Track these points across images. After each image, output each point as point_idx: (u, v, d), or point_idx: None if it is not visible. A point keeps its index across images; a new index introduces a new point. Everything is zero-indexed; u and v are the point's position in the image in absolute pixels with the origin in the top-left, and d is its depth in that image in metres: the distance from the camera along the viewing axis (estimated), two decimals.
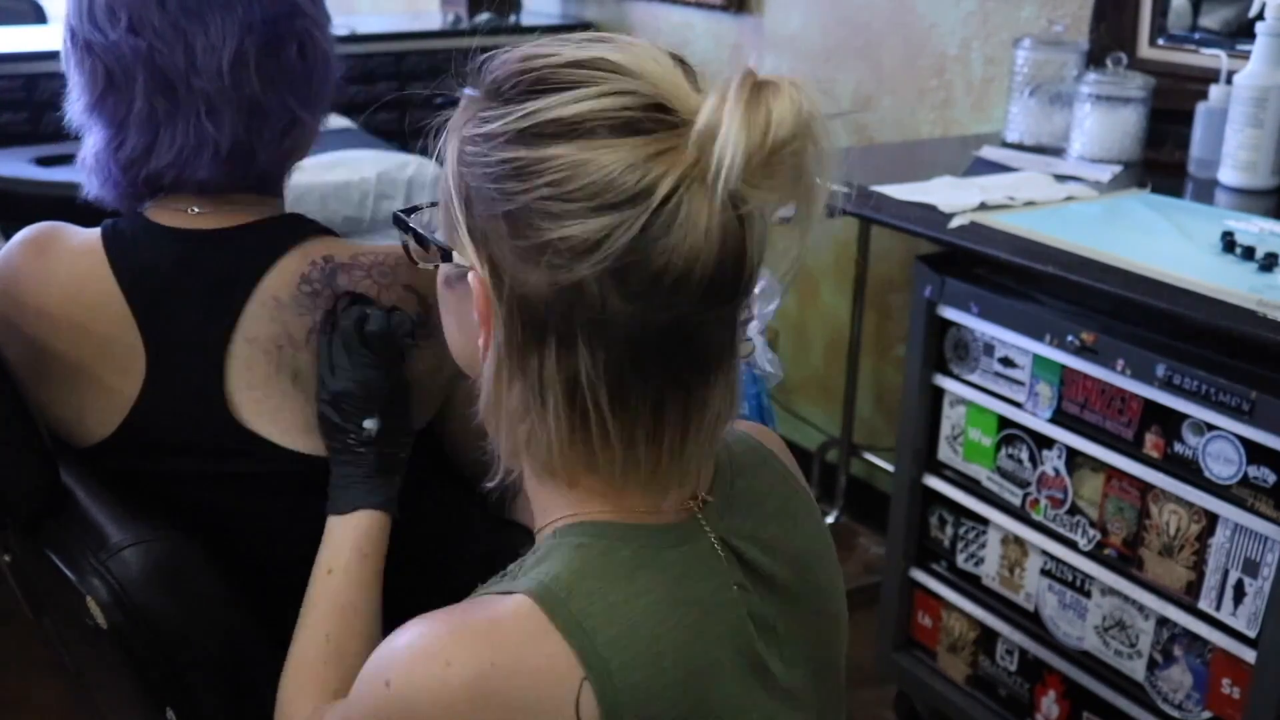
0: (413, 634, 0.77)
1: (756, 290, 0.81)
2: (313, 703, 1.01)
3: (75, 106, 1.15)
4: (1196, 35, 2.04)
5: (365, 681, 0.80)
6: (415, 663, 0.76)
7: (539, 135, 0.73)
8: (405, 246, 0.88)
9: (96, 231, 1.15)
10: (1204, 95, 1.91)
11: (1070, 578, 1.76)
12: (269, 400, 1.13)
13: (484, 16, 3.35)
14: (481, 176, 0.76)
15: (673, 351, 0.76)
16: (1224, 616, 1.55)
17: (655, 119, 0.73)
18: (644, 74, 0.74)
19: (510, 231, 0.75)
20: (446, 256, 0.82)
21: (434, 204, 0.86)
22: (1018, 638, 1.85)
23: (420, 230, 0.86)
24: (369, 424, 1.10)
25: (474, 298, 0.79)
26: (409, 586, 1.10)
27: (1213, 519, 1.54)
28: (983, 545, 1.89)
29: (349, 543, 1.08)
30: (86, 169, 1.17)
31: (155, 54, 1.08)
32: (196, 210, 1.15)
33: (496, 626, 0.76)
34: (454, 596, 0.82)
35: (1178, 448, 1.57)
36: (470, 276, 0.78)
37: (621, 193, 0.71)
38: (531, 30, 3.35)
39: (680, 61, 0.78)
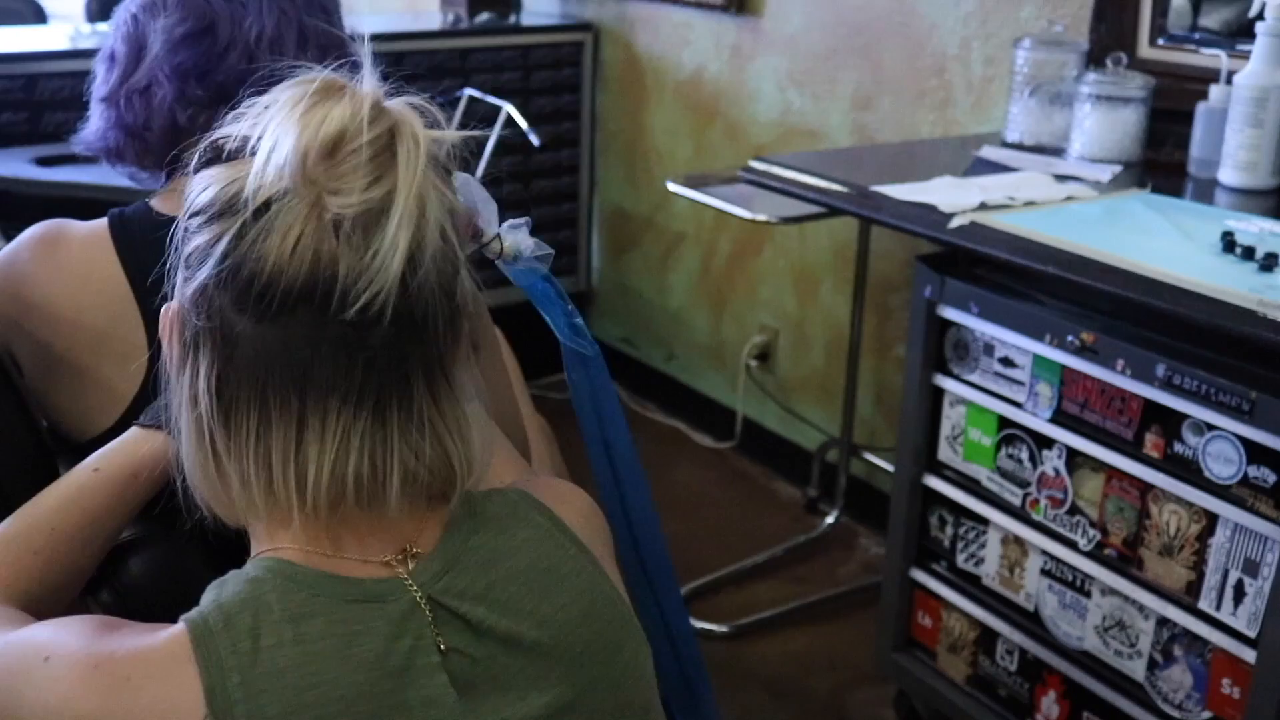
0: (71, 638, 0.80)
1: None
2: None
3: (157, 40, 1.17)
4: (1196, 35, 2.04)
5: (25, 641, 0.82)
6: (59, 669, 0.77)
7: (204, 158, 0.82)
8: None
9: (103, 221, 1.16)
10: (1204, 95, 1.91)
11: (1070, 578, 1.76)
12: None
13: (484, 16, 3.35)
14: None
15: (279, 370, 0.77)
16: (1224, 616, 1.55)
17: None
18: (280, 114, 0.78)
19: (179, 257, 0.82)
20: None
21: None
22: (1018, 638, 1.85)
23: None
24: None
25: (161, 328, 0.84)
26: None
27: (1213, 519, 1.54)
28: (983, 545, 1.89)
29: (128, 453, 1.02)
30: (120, 124, 1.19)
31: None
32: None
33: (139, 658, 0.77)
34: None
35: (1178, 448, 1.57)
36: (164, 307, 0.84)
37: (223, 202, 0.78)
38: (532, 30, 3.36)
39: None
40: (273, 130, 0.76)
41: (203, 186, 0.80)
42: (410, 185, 0.76)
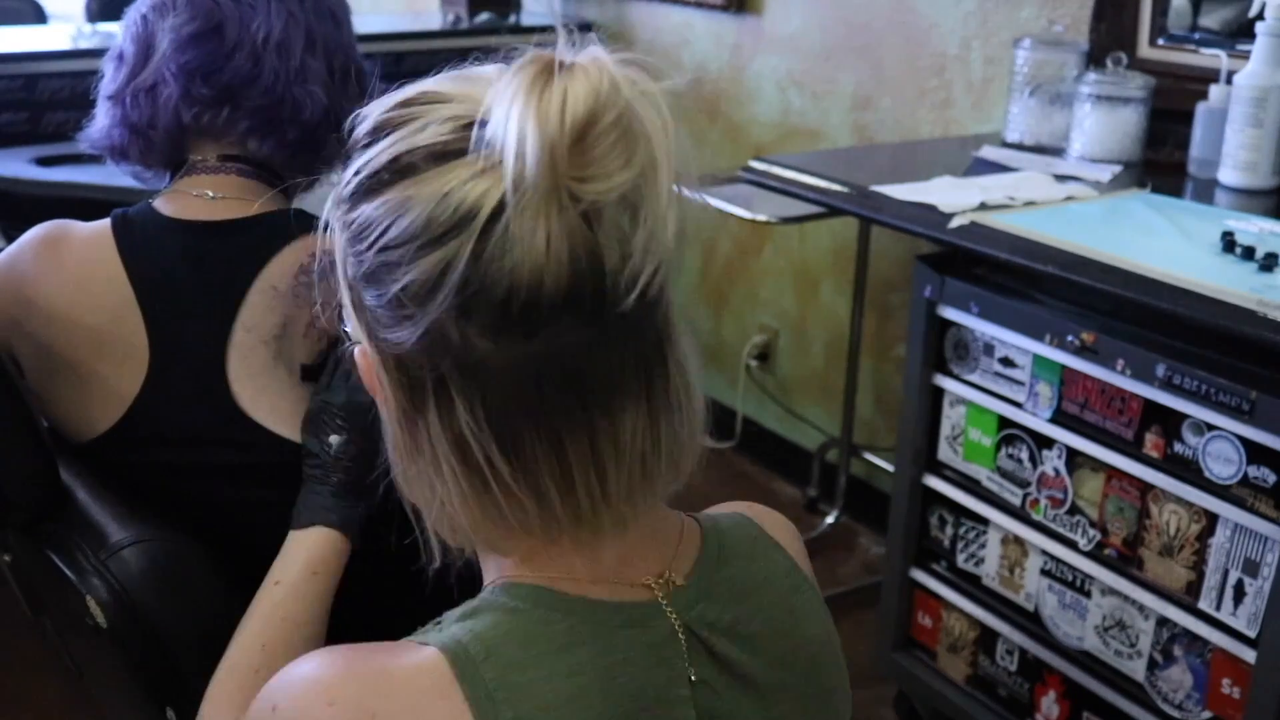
0: (311, 665, 0.74)
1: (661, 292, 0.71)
2: (236, 713, 0.97)
3: (165, 39, 1.18)
4: (1196, 35, 2.04)
5: (260, 700, 0.76)
6: (304, 694, 0.73)
7: (370, 189, 0.70)
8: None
9: (105, 222, 1.16)
10: (1204, 95, 1.91)
11: (1070, 578, 1.76)
12: (268, 390, 1.13)
13: (484, 16, 3.35)
14: (345, 243, 0.73)
15: (557, 385, 0.69)
16: (1224, 616, 1.55)
17: (472, 138, 0.67)
18: (465, 95, 0.70)
19: (372, 294, 0.71)
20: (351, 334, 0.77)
21: None
22: (1018, 638, 1.85)
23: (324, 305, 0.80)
24: (334, 439, 1.10)
25: (362, 372, 0.76)
26: (378, 611, 1.09)
27: (1213, 519, 1.54)
28: (983, 545, 1.89)
29: (300, 558, 1.06)
30: (125, 122, 1.19)
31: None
32: (211, 195, 1.16)
33: (392, 676, 0.71)
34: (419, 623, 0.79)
35: (1178, 448, 1.57)
36: (357, 350, 0.75)
37: (442, 225, 0.66)
38: (531, 30, 3.35)
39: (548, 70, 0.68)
40: (508, 130, 0.65)
41: (392, 210, 0.68)
42: (666, 150, 0.67)
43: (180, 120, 1.17)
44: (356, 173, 0.71)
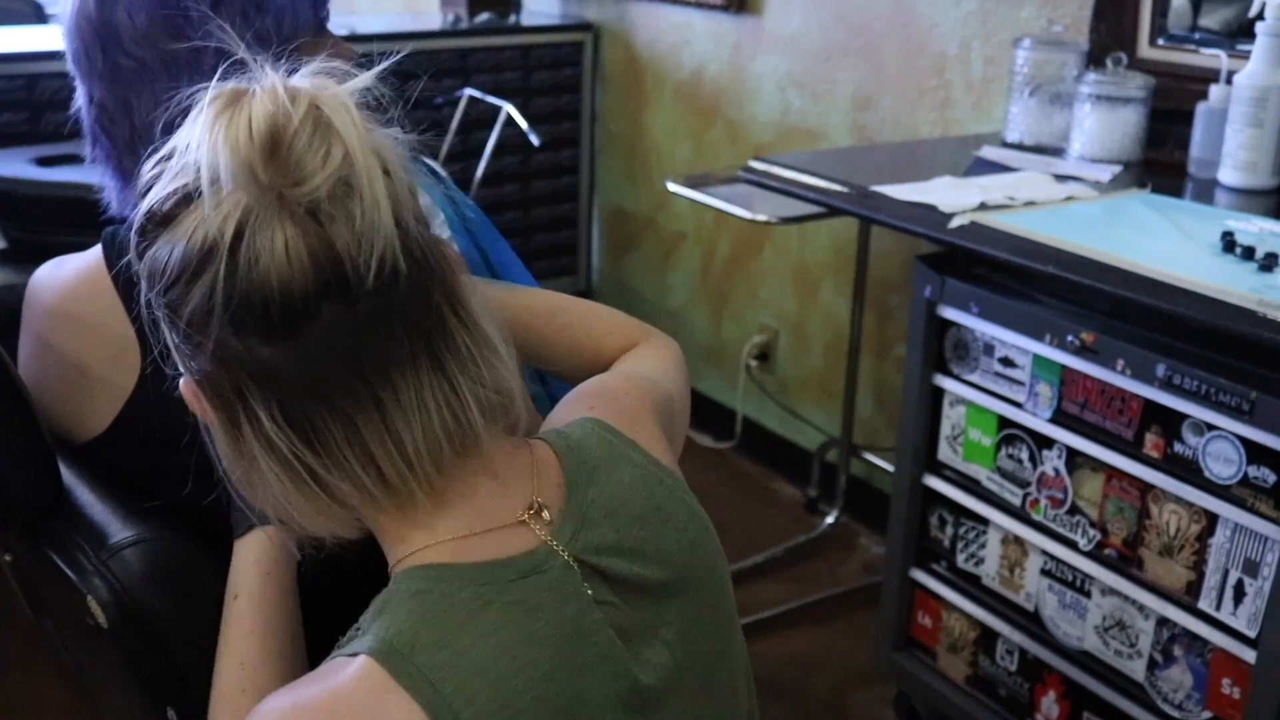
0: (262, 715, 0.79)
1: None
2: None
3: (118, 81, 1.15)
4: (1196, 35, 2.05)
5: None
6: None
7: (144, 245, 0.80)
8: None
9: (97, 252, 1.16)
10: (1204, 95, 1.91)
11: (1070, 578, 1.76)
12: None
13: (484, 16, 3.35)
14: (144, 291, 0.81)
15: (336, 371, 0.77)
16: (1224, 616, 1.55)
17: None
18: (199, 143, 0.77)
19: (170, 331, 0.80)
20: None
21: None
22: (1018, 638, 1.85)
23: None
24: None
25: (190, 401, 0.83)
26: (349, 595, 1.09)
27: (1213, 519, 1.54)
28: (983, 545, 1.89)
29: (249, 563, 1.04)
30: (111, 162, 1.18)
31: (108, 123, 1.13)
32: None
33: (340, 695, 0.76)
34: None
35: (1178, 448, 1.57)
36: (182, 382, 0.82)
37: (197, 258, 0.75)
38: (531, 30, 3.36)
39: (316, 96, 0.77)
40: (206, 160, 0.75)
41: (163, 257, 0.78)
42: (360, 141, 0.76)
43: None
44: (130, 230, 0.81)
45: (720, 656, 0.92)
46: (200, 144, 0.75)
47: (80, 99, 1.14)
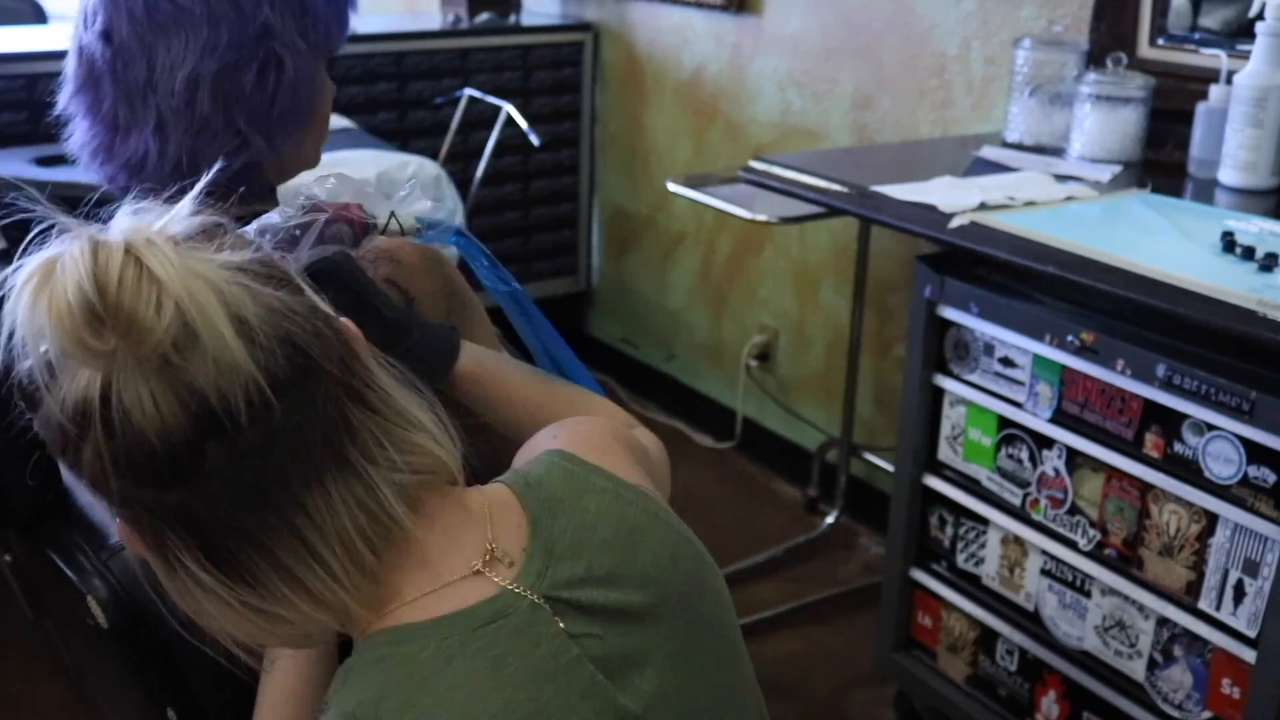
0: None
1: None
2: None
3: (64, 92, 1.16)
4: (1196, 35, 2.04)
5: None
6: None
7: (32, 406, 0.77)
8: None
9: None
10: (1204, 95, 1.91)
11: (1070, 578, 1.76)
12: None
13: (484, 16, 3.35)
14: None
15: (243, 506, 0.75)
16: (1224, 616, 1.55)
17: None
18: (27, 326, 0.73)
19: (82, 486, 0.79)
20: None
21: None
22: (1018, 638, 1.85)
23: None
24: None
25: (124, 540, 0.82)
26: None
27: (1213, 519, 1.54)
28: (983, 545, 1.89)
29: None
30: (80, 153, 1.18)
31: (119, 64, 1.10)
32: None
33: None
34: None
35: (1178, 448, 1.57)
36: (118, 524, 0.81)
37: (75, 425, 0.73)
38: (531, 30, 3.36)
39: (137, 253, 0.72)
40: (38, 343, 0.72)
41: (48, 424, 0.76)
42: (181, 283, 0.71)
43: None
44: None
45: (725, 667, 0.90)
46: (29, 328, 0.71)
47: (87, 40, 1.12)
